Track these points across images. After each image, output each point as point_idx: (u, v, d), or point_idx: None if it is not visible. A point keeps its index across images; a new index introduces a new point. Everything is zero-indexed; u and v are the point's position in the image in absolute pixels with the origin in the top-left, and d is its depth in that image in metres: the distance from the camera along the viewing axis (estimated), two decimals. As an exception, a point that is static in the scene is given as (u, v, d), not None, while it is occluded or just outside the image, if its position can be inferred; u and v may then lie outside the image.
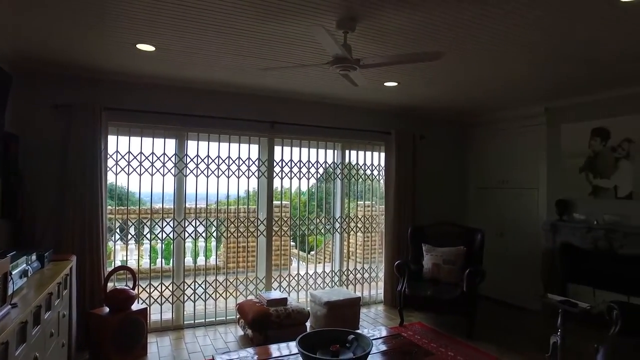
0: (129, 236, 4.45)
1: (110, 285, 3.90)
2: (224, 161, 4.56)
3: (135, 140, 4.18)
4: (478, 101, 5.05)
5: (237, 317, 4.34)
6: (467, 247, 4.67)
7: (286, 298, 4.15)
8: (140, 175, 4.20)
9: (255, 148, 4.75)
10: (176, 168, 4.35)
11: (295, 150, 4.95)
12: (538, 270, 4.95)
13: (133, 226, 4.43)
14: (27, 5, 2.49)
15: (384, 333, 3.30)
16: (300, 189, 5.16)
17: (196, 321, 4.47)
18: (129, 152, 4.15)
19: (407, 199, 5.35)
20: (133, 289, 3.81)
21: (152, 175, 4.25)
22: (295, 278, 5.03)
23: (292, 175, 4.93)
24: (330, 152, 5.23)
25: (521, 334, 4.32)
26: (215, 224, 4.63)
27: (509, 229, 5.51)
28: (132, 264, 4.96)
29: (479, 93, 4.62)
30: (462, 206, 6.16)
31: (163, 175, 4.30)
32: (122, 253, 5.19)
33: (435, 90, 4.49)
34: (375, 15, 2.56)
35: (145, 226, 4.35)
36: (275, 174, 4.84)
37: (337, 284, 5.29)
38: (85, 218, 3.74)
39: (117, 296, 3.58)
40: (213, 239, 4.87)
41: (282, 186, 4.95)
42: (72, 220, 3.71)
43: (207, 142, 4.49)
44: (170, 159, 4.32)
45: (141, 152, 4.19)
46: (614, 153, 4.34)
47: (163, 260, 5.25)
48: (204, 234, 4.59)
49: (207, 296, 4.52)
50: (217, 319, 4.56)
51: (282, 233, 4.95)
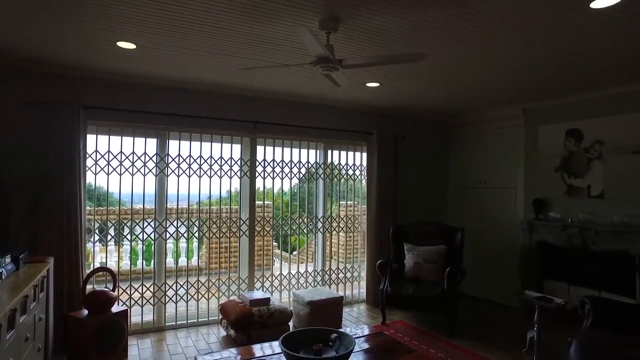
0: (109, 237, 4.37)
1: (89, 287, 3.83)
2: (206, 161, 4.53)
3: (116, 139, 4.11)
4: (458, 102, 5.15)
5: (220, 317, 4.31)
6: (448, 245, 4.75)
7: (269, 298, 4.15)
8: (120, 175, 4.14)
9: (237, 148, 4.73)
10: (157, 168, 4.29)
11: (278, 150, 4.95)
12: (516, 268, 5.08)
13: (113, 227, 4.36)
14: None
15: (366, 331, 3.34)
16: (282, 189, 5.16)
17: (178, 322, 4.42)
18: (109, 151, 4.08)
19: (388, 199, 5.41)
20: (113, 290, 3.74)
21: (132, 175, 4.18)
22: (278, 278, 5.03)
23: (275, 175, 4.93)
24: (312, 152, 5.25)
25: (500, 330, 4.43)
26: (197, 225, 4.59)
27: (488, 228, 5.63)
28: (112, 265, 4.87)
29: (459, 94, 4.70)
30: (442, 205, 6.26)
31: (144, 175, 4.24)
32: (102, 255, 5.10)
33: (416, 91, 4.55)
34: (357, 16, 2.59)
35: (125, 227, 4.28)
36: (257, 174, 4.83)
37: (320, 283, 5.31)
38: (63, 219, 3.66)
39: (96, 298, 3.52)
40: (195, 239, 4.83)
41: (264, 186, 4.94)
42: (48, 221, 3.62)
43: (189, 142, 4.45)
44: (151, 158, 4.26)
45: (121, 152, 4.13)
46: (587, 154, 4.49)
47: (144, 261, 5.17)
48: (185, 235, 4.54)
49: (189, 297, 4.48)
50: (199, 320, 4.53)
51: (265, 233, 4.93)
